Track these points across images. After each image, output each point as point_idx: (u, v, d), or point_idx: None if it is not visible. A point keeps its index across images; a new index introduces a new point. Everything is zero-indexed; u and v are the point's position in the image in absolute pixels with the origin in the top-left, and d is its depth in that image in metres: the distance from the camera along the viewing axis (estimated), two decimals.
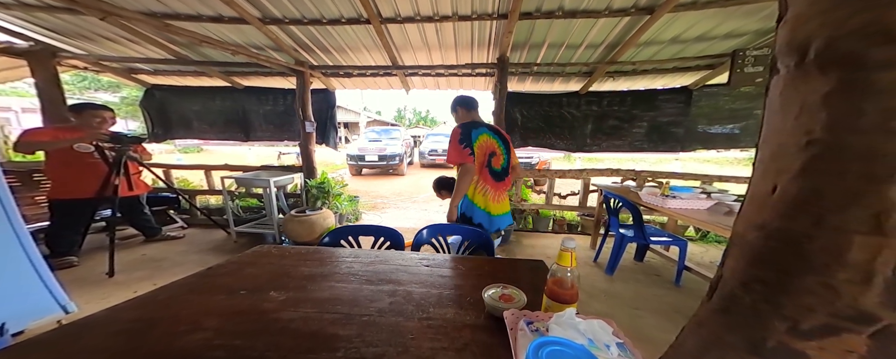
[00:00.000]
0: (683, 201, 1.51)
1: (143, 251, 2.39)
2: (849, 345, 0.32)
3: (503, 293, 0.63)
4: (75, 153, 1.90)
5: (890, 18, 0.28)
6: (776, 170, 0.37)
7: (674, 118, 3.16)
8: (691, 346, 0.46)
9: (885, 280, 0.30)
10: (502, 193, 1.32)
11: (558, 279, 0.55)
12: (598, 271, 2.11)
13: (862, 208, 0.31)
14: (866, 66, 0.30)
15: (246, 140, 3.69)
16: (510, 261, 0.91)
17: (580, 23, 2.27)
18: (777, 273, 0.37)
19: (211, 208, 3.25)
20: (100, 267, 1.97)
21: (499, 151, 1.30)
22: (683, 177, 2.82)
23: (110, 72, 3.21)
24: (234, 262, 0.89)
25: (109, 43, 2.70)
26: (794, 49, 0.35)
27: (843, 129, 0.31)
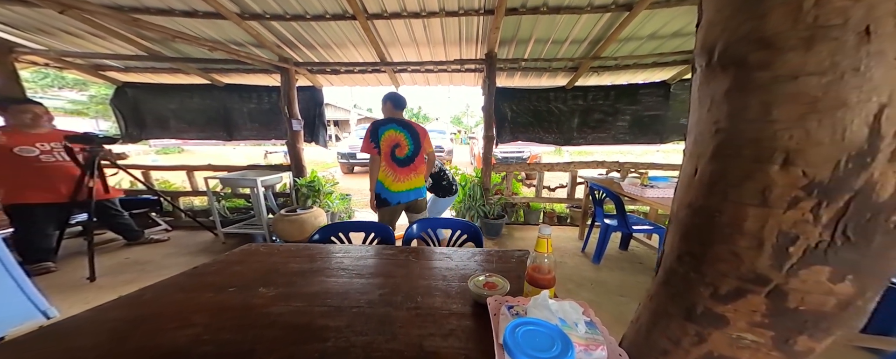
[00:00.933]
0: (660, 190, 1.59)
1: (126, 255, 2.31)
2: (753, 305, 0.38)
3: (488, 281, 0.66)
4: (20, 157, 1.76)
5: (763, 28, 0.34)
6: (697, 155, 0.43)
7: (654, 112, 3.28)
8: (645, 319, 0.51)
9: (772, 245, 0.36)
10: (407, 176, 1.67)
11: (537, 266, 0.58)
12: (586, 260, 2.18)
13: (753, 184, 0.36)
14: (750, 67, 0.35)
15: (229, 140, 3.57)
16: (498, 252, 0.95)
17: (564, 18, 2.32)
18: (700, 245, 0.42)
19: (196, 210, 3.16)
20: (80, 272, 1.90)
21: (404, 143, 1.66)
22: (663, 167, 2.94)
23: (75, 69, 3.00)
24: (222, 260, 0.89)
25: (72, 38, 2.52)
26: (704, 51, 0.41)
27: (738, 119, 0.37)
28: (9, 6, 2.04)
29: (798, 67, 0.32)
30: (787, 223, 0.35)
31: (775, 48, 0.33)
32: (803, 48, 0.32)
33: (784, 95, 0.33)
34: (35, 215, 1.85)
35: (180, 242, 2.63)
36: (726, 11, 0.37)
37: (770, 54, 0.33)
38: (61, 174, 1.85)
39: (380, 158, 1.60)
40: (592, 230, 2.36)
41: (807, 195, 0.33)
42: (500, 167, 3.09)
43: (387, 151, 1.61)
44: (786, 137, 0.34)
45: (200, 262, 2.26)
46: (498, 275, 0.69)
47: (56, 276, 1.93)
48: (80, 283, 1.84)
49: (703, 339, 0.42)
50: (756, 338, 0.39)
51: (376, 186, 1.65)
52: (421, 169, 1.73)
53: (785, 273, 0.35)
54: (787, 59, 0.32)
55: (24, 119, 1.81)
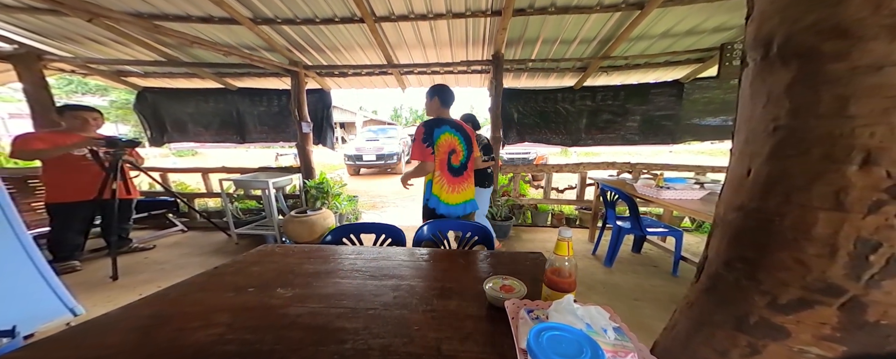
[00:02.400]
0: (677, 192, 1.54)
1: (144, 255, 2.40)
2: (822, 317, 0.35)
3: (504, 284, 0.66)
4: (71, 156, 1.89)
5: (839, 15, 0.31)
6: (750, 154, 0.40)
7: (666, 111, 3.22)
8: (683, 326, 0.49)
9: (849, 253, 0.33)
10: (461, 186, 1.47)
11: (556, 269, 0.57)
12: (598, 263, 2.15)
13: (824, 186, 0.33)
14: (821, 58, 0.32)
15: (242, 142, 3.67)
16: (510, 254, 0.94)
17: (573, 18, 2.30)
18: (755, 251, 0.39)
19: (210, 211, 3.25)
20: (102, 271, 1.98)
21: (459, 148, 1.43)
22: (678, 169, 2.87)
23: (98, 75, 3.14)
24: (240, 261, 0.91)
25: (96, 45, 2.65)
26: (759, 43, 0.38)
27: (804, 115, 0.34)
28: (39, 16, 2.15)
29: (882, 57, 0.29)
30: (867, 229, 0.31)
31: (854, 37, 0.30)
32: (889, 36, 0.28)
33: (864, 87, 0.30)
34: (74, 213, 1.96)
35: (196, 241, 2.71)
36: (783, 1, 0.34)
37: (847, 44, 0.30)
38: (95, 174, 1.95)
39: (434, 166, 1.35)
40: (604, 232, 2.32)
41: (892, 198, 0.30)
42: (506, 168, 3.07)
43: (443, 158, 1.36)
44: (866, 134, 0.30)
45: (215, 262, 2.28)
46: (514, 278, 0.68)
47: (80, 274, 2.01)
48: (104, 281, 1.92)
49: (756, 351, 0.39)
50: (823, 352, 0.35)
51: (430, 198, 1.40)
52: (472, 178, 1.54)
53: (864, 284, 0.32)
54: (868, 48, 0.29)
55: (75, 123, 1.94)
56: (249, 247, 2.58)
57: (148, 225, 2.97)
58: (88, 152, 1.95)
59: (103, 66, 2.98)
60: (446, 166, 1.39)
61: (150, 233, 2.80)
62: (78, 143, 1.86)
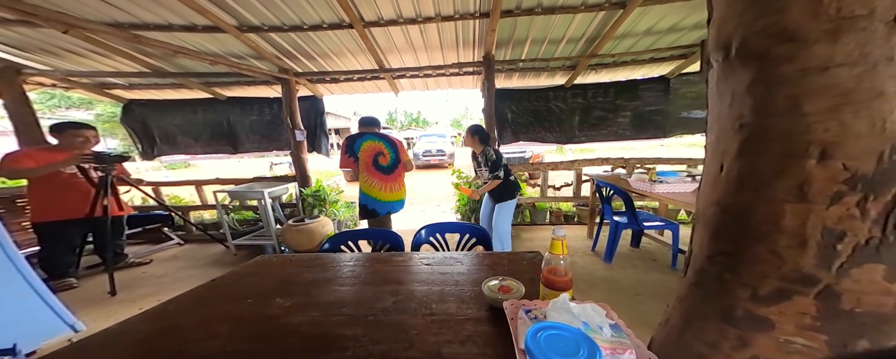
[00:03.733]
0: (670, 185, 1.57)
1: (142, 269, 2.37)
2: (801, 307, 0.36)
3: (502, 285, 0.66)
4: (59, 174, 1.85)
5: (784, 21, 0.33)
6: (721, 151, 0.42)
7: (655, 106, 3.28)
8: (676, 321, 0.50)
9: (817, 243, 0.34)
10: (393, 184, 1.74)
11: (552, 268, 0.58)
12: (597, 259, 2.15)
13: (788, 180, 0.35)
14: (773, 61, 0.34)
15: (234, 152, 3.63)
16: (508, 254, 0.95)
17: (559, 18, 2.34)
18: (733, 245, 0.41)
19: (206, 223, 3.21)
20: (100, 287, 1.96)
21: (386, 152, 1.74)
22: (671, 162, 2.92)
23: (81, 88, 3.06)
24: (238, 272, 0.91)
25: (77, 57, 2.57)
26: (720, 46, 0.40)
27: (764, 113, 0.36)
28: (14, 28, 2.07)
29: (826, 59, 0.31)
30: (831, 219, 0.33)
31: (799, 41, 0.32)
32: (829, 40, 0.30)
33: (814, 87, 0.32)
34: (64, 232, 1.92)
35: (193, 254, 2.67)
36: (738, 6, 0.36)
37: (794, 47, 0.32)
38: (85, 191, 1.91)
39: (360, 169, 1.66)
40: (602, 228, 2.34)
41: (850, 189, 0.32)
42: None
43: (368, 161, 1.66)
44: (820, 129, 0.32)
45: (214, 274, 2.24)
46: (511, 278, 0.69)
47: (78, 291, 1.99)
48: (102, 297, 1.90)
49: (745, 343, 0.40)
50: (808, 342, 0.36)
51: (362, 197, 1.66)
52: (402, 179, 1.79)
53: (835, 273, 0.33)
54: (813, 51, 0.31)
55: (75, 142, 1.90)
56: (248, 258, 2.55)
57: (144, 240, 2.92)
58: (77, 169, 1.92)
59: (85, 78, 2.90)
60: (373, 167, 1.65)
61: (147, 247, 2.76)
62: (68, 159, 1.82)
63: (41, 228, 1.90)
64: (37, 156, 1.80)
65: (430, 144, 9.33)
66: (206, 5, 1.83)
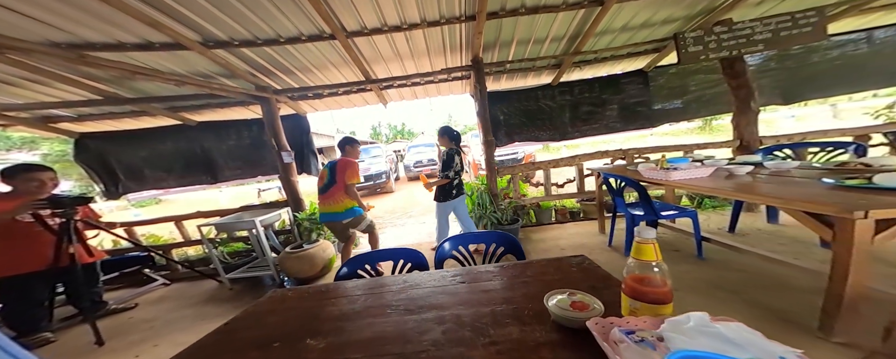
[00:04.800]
0: (685, 172, 1.53)
1: (128, 315, 2.17)
2: None
3: (574, 301, 0.57)
4: (15, 224, 1.65)
5: None
6: None
7: (638, 98, 3.42)
8: None
9: None
10: (326, 201, 2.23)
11: (642, 276, 0.49)
12: (617, 255, 2.10)
13: None
14: None
15: (214, 182, 3.36)
16: (550, 261, 0.87)
17: (542, 18, 2.39)
18: None
19: (192, 260, 2.93)
20: (83, 338, 1.78)
21: (324, 176, 2.25)
22: (667, 149, 2.99)
23: (19, 124, 2.65)
24: (252, 312, 0.78)
25: (10, 87, 2.21)
26: None
27: None
28: None
29: None
30: None
31: None
32: None
33: None
34: (28, 286, 1.77)
35: (183, 293, 2.44)
36: None
37: None
38: (45, 240, 1.72)
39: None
40: (615, 222, 2.30)
41: None
42: (504, 170, 3.06)
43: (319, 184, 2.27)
44: None
45: (210, 311, 2.09)
46: (581, 292, 0.61)
47: (58, 345, 1.85)
48: (89, 348, 1.75)
49: None
50: None
51: None
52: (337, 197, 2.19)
53: None
54: None
55: (30, 186, 1.71)
56: (245, 291, 2.35)
57: (123, 284, 2.64)
58: (33, 217, 1.69)
59: (23, 112, 2.53)
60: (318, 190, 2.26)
61: (129, 291, 2.49)
62: (16, 208, 1.60)
63: (2, 283, 1.70)
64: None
65: (419, 155, 9.27)
66: (161, 19, 1.62)
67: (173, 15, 1.64)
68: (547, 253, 2.33)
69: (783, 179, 1.38)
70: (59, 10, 1.47)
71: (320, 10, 1.68)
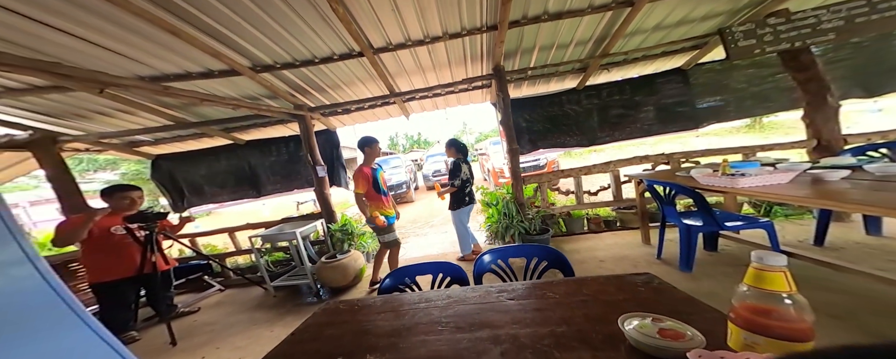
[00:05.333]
0: (757, 178, 1.32)
1: (192, 318, 2.40)
2: None
3: (661, 328, 0.50)
4: (110, 237, 1.94)
5: None
6: None
7: (677, 98, 3.20)
8: None
9: None
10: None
11: (765, 308, 0.40)
12: (669, 269, 1.90)
13: None
14: None
15: (258, 196, 3.64)
16: (609, 279, 0.81)
17: (567, 23, 2.34)
18: None
19: (243, 268, 3.17)
20: (160, 338, 2.01)
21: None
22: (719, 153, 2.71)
23: (112, 149, 3.15)
24: (312, 324, 0.82)
25: (105, 118, 2.61)
26: None
27: None
28: (45, 96, 2.09)
29: None
30: None
31: None
32: None
33: None
34: (120, 290, 2.00)
35: (235, 299, 2.65)
36: None
37: None
38: (133, 250, 1.98)
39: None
40: (664, 233, 2.09)
41: None
42: (530, 178, 2.97)
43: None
44: None
45: (260, 317, 2.24)
46: (667, 318, 0.54)
47: (141, 343, 2.08)
48: (165, 348, 1.95)
49: None
50: None
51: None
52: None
53: None
54: None
55: (123, 203, 2.01)
56: (287, 298, 2.50)
57: (187, 289, 2.93)
58: (125, 230, 1.98)
59: (115, 139, 2.97)
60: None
61: (192, 296, 2.76)
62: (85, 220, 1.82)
63: (98, 288, 1.98)
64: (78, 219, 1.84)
65: (436, 164, 9.36)
66: (220, 49, 1.84)
67: (229, 44, 1.86)
68: (583, 265, 2.18)
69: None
70: (145, 47, 1.74)
71: (350, 29, 1.80)
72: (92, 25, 1.51)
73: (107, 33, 1.58)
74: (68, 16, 1.42)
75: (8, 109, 2.26)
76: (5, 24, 1.41)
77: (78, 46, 1.64)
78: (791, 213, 2.49)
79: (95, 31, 1.55)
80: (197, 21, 1.60)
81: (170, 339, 1.95)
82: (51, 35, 1.52)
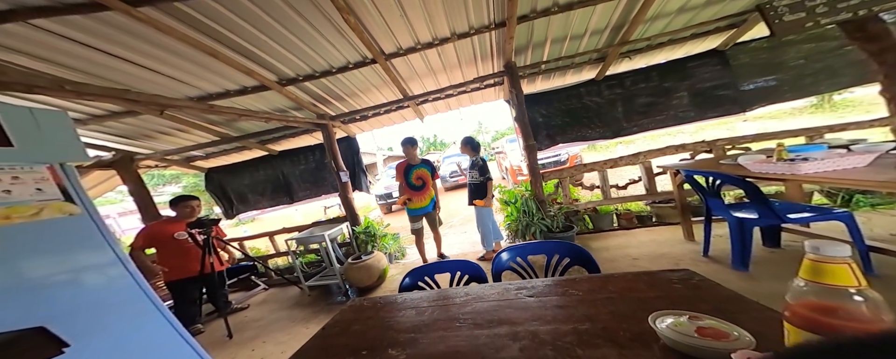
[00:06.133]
0: (823, 163, 1.13)
1: (243, 314, 2.68)
2: None
3: (699, 327, 0.46)
4: (176, 242, 2.25)
5: None
6: None
7: (716, 82, 2.91)
8: None
9: None
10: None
11: (829, 306, 0.35)
12: (721, 268, 1.70)
13: None
14: None
15: (291, 202, 3.93)
16: (638, 275, 0.75)
17: (579, 13, 2.24)
18: None
19: (282, 269, 3.43)
20: (218, 331, 2.28)
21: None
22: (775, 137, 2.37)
23: (174, 164, 3.60)
24: (340, 320, 0.87)
25: (166, 137, 2.99)
26: None
27: None
28: (122, 120, 2.46)
29: None
30: None
31: None
32: None
33: None
34: (187, 288, 2.28)
35: (277, 297, 2.90)
36: None
37: None
38: (195, 253, 2.27)
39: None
40: (710, 228, 1.87)
41: None
42: (550, 174, 2.87)
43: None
44: None
45: (297, 314, 2.40)
46: (707, 316, 0.49)
47: (204, 335, 2.37)
48: (222, 340, 2.19)
49: None
50: None
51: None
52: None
53: None
54: None
55: (185, 212, 2.32)
56: (320, 297, 2.68)
57: (237, 288, 3.25)
58: (187, 236, 2.28)
59: (176, 155, 3.40)
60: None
61: (242, 294, 3.06)
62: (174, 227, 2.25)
63: (171, 286, 2.28)
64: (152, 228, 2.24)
65: (453, 165, 9.39)
66: (251, 66, 2.03)
67: (258, 61, 2.05)
68: (613, 263, 2.05)
69: None
70: (191, 69, 1.98)
71: (363, 38, 1.90)
72: (146, 52, 1.73)
73: (159, 59, 1.82)
74: (127, 45, 1.64)
75: (95, 134, 2.69)
76: (80, 57, 1.67)
77: (138, 73, 1.90)
78: (879, 202, 2.10)
79: (150, 57, 1.79)
80: (229, 41, 1.78)
81: (227, 332, 2.19)
82: (116, 64, 1.77)
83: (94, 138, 2.75)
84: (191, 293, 2.31)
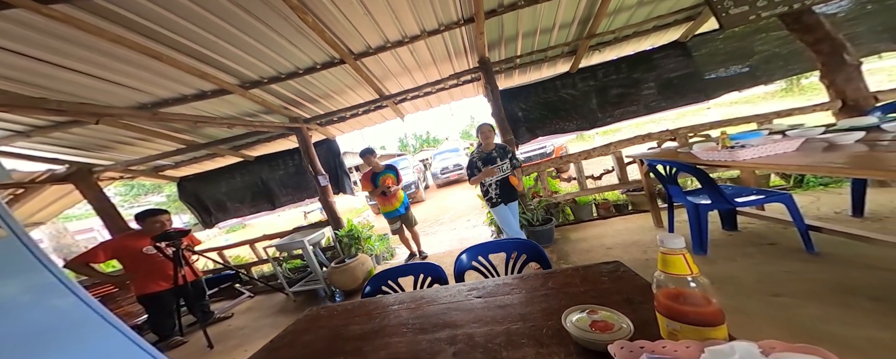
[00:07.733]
0: (759, 149, 1.20)
1: (227, 323, 2.64)
2: None
3: (594, 320, 0.49)
4: (144, 256, 2.18)
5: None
6: None
7: (680, 72, 2.99)
8: None
9: None
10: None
11: (676, 292, 0.39)
12: None
13: None
14: None
15: (273, 208, 3.84)
16: (576, 269, 0.78)
17: (545, 6, 2.25)
18: None
19: (267, 276, 3.39)
20: (201, 342, 2.23)
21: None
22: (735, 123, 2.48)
23: (141, 175, 3.42)
24: (291, 331, 0.87)
25: (126, 146, 2.82)
26: None
27: None
28: (69, 130, 2.29)
29: None
30: None
31: None
32: None
33: None
34: (162, 300, 2.23)
35: (262, 305, 2.86)
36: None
37: None
38: (166, 266, 2.21)
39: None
40: (673, 214, 1.97)
41: None
42: (528, 168, 2.90)
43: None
44: None
45: (282, 321, 2.37)
46: (604, 308, 0.53)
47: (187, 346, 2.33)
48: (204, 351, 2.16)
49: None
50: None
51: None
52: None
53: None
54: None
55: (154, 226, 2.21)
56: (305, 302, 2.67)
57: (222, 297, 3.20)
58: (155, 250, 2.21)
59: (141, 165, 3.20)
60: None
61: (226, 303, 3.01)
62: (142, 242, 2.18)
63: (143, 300, 2.23)
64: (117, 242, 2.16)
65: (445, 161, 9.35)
66: (206, 69, 1.92)
67: (212, 63, 1.93)
68: (589, 254, 2.10)
69: None
70: (137, 75, 1.85)
71: (325, 37, 1.82)
72: (79, 57, 1.58)
73: (96, 63, 1.66)
74: (52, 48, 1.46)
75: (44, 146, 2.49)
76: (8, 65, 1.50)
77: (77, 79, 1.74)
78: (828, 181, 2.23)
79: (86, 62, 1.63)
80: (172, 42, 1.65)
81: (207, 343, 2.17)
82: (48, 71, 1.61)
83: (43, 151, 2.57)
84: (166, 306, 2.26)
